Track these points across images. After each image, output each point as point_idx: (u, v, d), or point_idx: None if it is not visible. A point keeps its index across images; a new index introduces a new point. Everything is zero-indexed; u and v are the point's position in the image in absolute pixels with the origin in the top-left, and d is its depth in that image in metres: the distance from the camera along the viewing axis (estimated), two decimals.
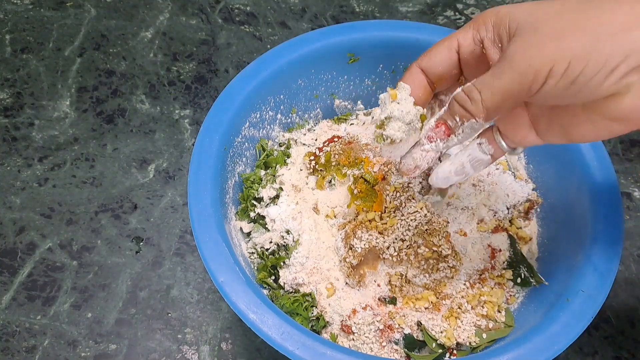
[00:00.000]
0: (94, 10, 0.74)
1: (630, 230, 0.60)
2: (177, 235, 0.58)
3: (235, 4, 0.76)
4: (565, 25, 0.30)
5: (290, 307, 0.42)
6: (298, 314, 0.42)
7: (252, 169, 0.49)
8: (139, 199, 0.60)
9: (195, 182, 0.41)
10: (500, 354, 0.37)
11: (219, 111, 0.45)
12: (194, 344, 0.53)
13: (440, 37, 0.49)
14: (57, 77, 0.68)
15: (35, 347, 0.52)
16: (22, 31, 0.72)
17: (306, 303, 0.42)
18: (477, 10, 0.78)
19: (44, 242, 0.57)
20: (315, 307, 0.43)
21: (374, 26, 0.50)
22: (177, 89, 0.68)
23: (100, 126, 0.65)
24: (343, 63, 0.51)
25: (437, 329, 0.42)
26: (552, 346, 0.36)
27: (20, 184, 0.60)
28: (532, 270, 0.45)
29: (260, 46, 0.72)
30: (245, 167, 0.48)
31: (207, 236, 0.39)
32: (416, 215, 0.42)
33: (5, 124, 0.64)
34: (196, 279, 0.56)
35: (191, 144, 0.64)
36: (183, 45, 0.72)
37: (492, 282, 0.45)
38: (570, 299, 0.38)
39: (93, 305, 0.54)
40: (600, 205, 0.42)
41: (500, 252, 0.46)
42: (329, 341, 0.37)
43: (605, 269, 0.39)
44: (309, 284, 0.43)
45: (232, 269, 0.38)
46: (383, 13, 0.77)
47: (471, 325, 0.43)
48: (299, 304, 0.42)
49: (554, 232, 0.46)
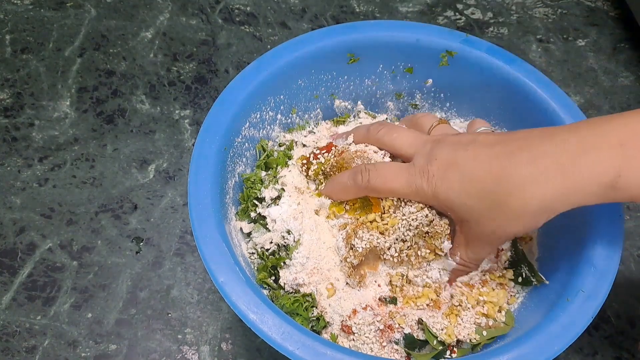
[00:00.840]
0: (94, 10, 0.74)
1: (630, 230, 0.60)
2: (177, 236, 0.58)
3: (235, 4, 0.76)
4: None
5: (291, 308, 0.42)
6: (298, 314, 0.42)
7: (252, 169, 0.49)
8: (139, 199, 0.60)
9: (195, 183, 0.41)
10: (500, 354, 0.36)
11: (219, 111, 0.45)
12: (194, 344, 0.53)
13: (440, 37, 0.50)
14: (57, 77, 0.68)
15: (35, 348, 0.52)
16: (22, 31, 0.72)
17: (306, 303, 0.42)
18: (477, 11, 0.78)
19: (44, 243, 0.57)
20: (315, 307, 0.43)
21: (374, 26, 0.50)
22: (177, 89, 0.68)
23: (101, 126, 0.65)
24: (343, 63, 0.51)
25: (438, 326, 0.42)
26: (552, 346, 0.36)
27: (21, 184, 0.60)
28: (533, 270, 0.45)
29: (261, 46, 0.72)
30: (246, 167, 0.48)
31: (207, 236, 0.39)
32: (417, 215, 0.42)
33: (5, 124, 0.64)
34: (196, 279, 0.56)
35: (191, 144, 0.64)
36: (183, 46, 0.72)
37: (493, 283, 0.45)
38: (570, 299, 0.38)
39: (93, 306, 0.54)
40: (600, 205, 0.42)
41: (502, 251, 0.46)
42: (329, 341, 0.37)
43: (605, 268, 0.39)
44: (310, 284, 0.43)
45: (232, 269, 0.38)
46: (383, 13, 0.77)
47: (471, 323, 0.43)
48: (299, 304, 0.42)
49: (554, 232, 0.46)
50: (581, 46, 0.76)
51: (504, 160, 0.35)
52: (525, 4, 0.80)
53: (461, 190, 0.37)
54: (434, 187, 0.38)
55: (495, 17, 0.78)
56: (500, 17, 0.78)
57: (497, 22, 0.77)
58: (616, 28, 0.78)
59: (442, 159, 0.38)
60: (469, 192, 0.37)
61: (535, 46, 0.75)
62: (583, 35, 0.77)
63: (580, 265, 0.40)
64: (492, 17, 0.78)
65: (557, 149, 0.34)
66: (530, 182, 0.34)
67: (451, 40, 0.49)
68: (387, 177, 0.40)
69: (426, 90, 0.53)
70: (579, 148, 0.33)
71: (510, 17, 0.78)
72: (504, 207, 0.35)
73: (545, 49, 0.75)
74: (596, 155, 0.33)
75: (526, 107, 0.48)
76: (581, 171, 0.33)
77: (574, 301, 0.38)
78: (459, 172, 0.37)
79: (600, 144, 0.33)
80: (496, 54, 0.49)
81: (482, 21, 0.77)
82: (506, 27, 0.77)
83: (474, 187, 0.36)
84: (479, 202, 0.36)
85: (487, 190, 0.36)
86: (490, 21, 0.77)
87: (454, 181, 0.37)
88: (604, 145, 0.33)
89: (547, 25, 0.78)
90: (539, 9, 0.80)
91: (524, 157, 0.35)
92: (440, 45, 0.50)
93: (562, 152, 0.34)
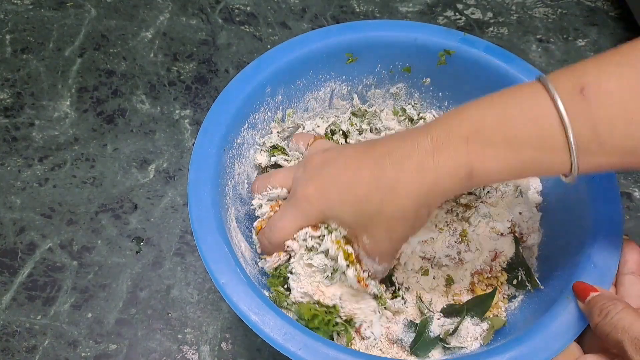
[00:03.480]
0: (94, 10, 0.74)
1: (630, 230, 0.60)
2: (177, 236, 0.58)
3: (235, 4, 0.76)
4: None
5: (311, 322, 0.41)
6: (318, 328, 0.41)
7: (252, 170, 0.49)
8: (139, 199, 0.60)
9: (195, 183, 0.41)
10: (500, 354, 0.37)
11: (219, 111, 0.45)
12: (194, 344, 0.53)
13: (438, 37, 0.50)
14: (57, 77, 0.68)
15: (35, 347, 0.52)
16: (22, 31, 0.72)
17: (329, 316, 0.41)
18: (477, 11, 0.78)
19: (44, 242, 0.57)
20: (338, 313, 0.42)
21: (371, 26, 0.50)
22: (177, 89, 0.68)
23: (101, 126, 0.65)
24: (342, 63, 0.51)
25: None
26: (552, 345, 0.36)
27: (21, 184, 0.60)
28: (530, 274, 0.45)
29: (260, 46, 0.72)
30: (246, 168, 0.48)
31: (207, 237, 0.39)
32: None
33: (6, 124, 0.64)
34: (196, 279, 0.56)
35: (191, 144, 0.64)
36: (183, 46, 0.72)
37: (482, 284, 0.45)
38: (571, 297, 0.38)
39: (93, 305, 0.54)
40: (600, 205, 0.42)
41: (502, 253, 0.46)
42: (331, 342, 0.36)
43: (605, 268, 0.39)
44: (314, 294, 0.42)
45: (233, 270, 0.38)
46: (383, 13, 0.77)
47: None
48: (321, 319, 0.40)
49: (554, 232, 0.47)
50: (581, 46, 0.76)
51: (372, 168, 0.37)
52: (525, 4, 0.80)
53: (341, 202, 0.38)
54: (318, 207, 0.39)
55: (495, 17, 0.78)
56: (500, 17, 0.78)
57: (497, 22, 0.77)
58: (616, 28, 0.78)
59: (316, 178, 0.39)
60: (347, 202, 0.38)
61: (535, 46, 0.75)
62: (583, 35, 0.77)
63: (581, 264, 0.40)
64: (492, 17, 0.78)
65: (415, 150, 0.36)
66: (399, 183, 0.36)
67: (449, 39, 0.49)
68: (278, 225, 0.41)
69: (424, 89, 0.53)
70: (432, 147, 0.35)
71: (510, 17, 0.78)
72: (381, 214, 0.37)
73: (545, 48, 0.75)
74: (447, 152, 0.35)
75: None
76: (438, 168, 0.35)
77: (575, 299, 0.38)
78: (334, 187, 0.38)
79: (449, 141, 0.35)
80: (494, 53, 0.49)
81: (482, 21, 0.77)
82: (506, 27, 0.77)
83: (350, 197, 0.38)
84: (359, 211, 0.38)
85: (361, 198, 0.37)
86: (490, 21, 0.77)
87: (333, 194, 0.38)
88: (452, 143, 0.35)
89: (547, 25, 0.78)
90: (539, 9, 0.80)
91: (387, 162, 0.36)
92: (439, 45, 0.50)
93: (420, 151, 0.35)
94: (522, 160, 0.34)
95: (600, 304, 0.35)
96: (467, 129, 0.34)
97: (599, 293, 0.36)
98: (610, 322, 0.34)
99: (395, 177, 0.36)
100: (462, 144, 0.34)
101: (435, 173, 0.35)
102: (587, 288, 0.37)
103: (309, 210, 0.39)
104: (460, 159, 0.34)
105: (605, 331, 0.34)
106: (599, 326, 0.34)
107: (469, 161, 0.34)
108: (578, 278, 0.39)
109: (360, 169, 0.38)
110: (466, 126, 0.35)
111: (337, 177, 0.38)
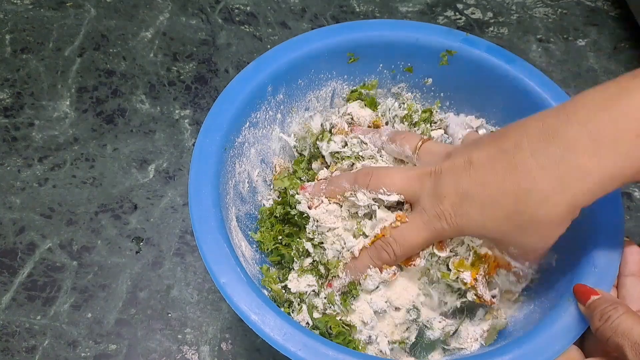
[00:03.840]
0: (94, 10, 0.74)
1: (630, 230, 0.60)
2: (177, 236, 0.58)
3: (235, 4, 0.76)
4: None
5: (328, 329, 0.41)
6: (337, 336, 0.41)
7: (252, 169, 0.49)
8: (139, 199, 0.60)
9: (196, 183, 0.41)
10: (500, 354, 0.36)
11: (219, 111, 0.45)
12: (194, 344, 0.53)
13: (440, 37, 0.50)
14: (57, 77, 0.68)
15: (35, 348, 0.52)
16: (22, 31, 0.72)
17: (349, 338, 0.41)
18: (477, 11, 0.78)
19: (44, 242, 0.57)
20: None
21: (373, 26, 0.50)
22: (177, 89, 0.68)
23: (100, 126, 0.65)
24: (343, 63, 0.51)
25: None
26: (552, 346, 0.36)
27: (20, 184, 0.60)
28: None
29: (260, 46, 0.72)
30: (246, 167, 0.48)
31: (208, 237, 0.39)
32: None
33: (5, 124, 0.64)
34: (196, 279, 0.56)
35: (191, 144, 0.64)
36: (183, 45, 0.72)
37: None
38: (572, 299, 0.38)
39: (93, 306, 0.54)
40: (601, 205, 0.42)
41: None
42: (331, 342, 0.36)
43: (606, 270, 0.39)
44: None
45: (234, 270, 0.38)
46: (383, 13, 0.77)
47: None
48: (344, 338, 0.41)
49: None
50: (581, 46, 0.76)
51: (513, 176, 0.35)
52: (525, 3, 0.80)
53: (485, 219, 0.36)
54: (455, 225, 0.37)
55: (496, 17, 0.78)
56: (500, 17, 0.78)
57: (497, 22, 0.77)
58: (616, 28, 0.78)
59: (450, 194, 0.37)
60: (492, 218, 0.36)
61: (535, 46, 0.75)
62: (583, 35, 0.77)
63: (581, 265, 0.40)
64: (492, 17, 0.78)
65: (569, 151, 0.33)
66: (552, 193, 0.34)
67: (451, 39, 0.49)
68: (408, 241, 0.39)
69: (426, 89, 0.53)
70: (593, 147, 0.32)
71: (510, 17, 0.78)
72: (535, 223, 0.35)
73: (546, 48, 0.75)
74: (615, 151, 0.32)
75: (526, 106, 0.48)
76: (601, 169, 0.33)
77: (575, 301, 0.38)
78: (474, 202, 0.36)
79: (616, 139, 0.32)
80: (496, 53, 0.49)
81: (482, 21, 0.77)
82: (506, 27, 0.77)
83: (496, 212, 0.36)
84: (507, 223, 0.36)
85: (511, 211, 0.35)
86: (490, 21, 0.77)
87: (474, 213, 0.36)
88: (622, 140, 0.32)
89: (547, 25, 0.78)
90: (539, 9, 0.80)
91: (534, 168, 0.34)
92: (440, 45, 0.49)
93: (577, 153, 0.33)
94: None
95: (601, 308, 0.35)
96: (636, 124, 0.32)
97: (599, 296, 0.36)
98: (611, 326, 0.33)
99: (549, 187, 0.34)
100: (633, 140, 0.32)
101: (598, 177, 0.33)
102: (588, 291, 0.37)
103: (443, 229, 0.38)
104: (634, 157, 0.32)
105: (606, 335, 0.34)
106: (600, 330, 0.34)
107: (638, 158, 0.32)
108: (579, 280, 0.39)
109: (504, 181, 0.35)
110: (635, 120, 0.32)
111: (477, 194, 0.36)
